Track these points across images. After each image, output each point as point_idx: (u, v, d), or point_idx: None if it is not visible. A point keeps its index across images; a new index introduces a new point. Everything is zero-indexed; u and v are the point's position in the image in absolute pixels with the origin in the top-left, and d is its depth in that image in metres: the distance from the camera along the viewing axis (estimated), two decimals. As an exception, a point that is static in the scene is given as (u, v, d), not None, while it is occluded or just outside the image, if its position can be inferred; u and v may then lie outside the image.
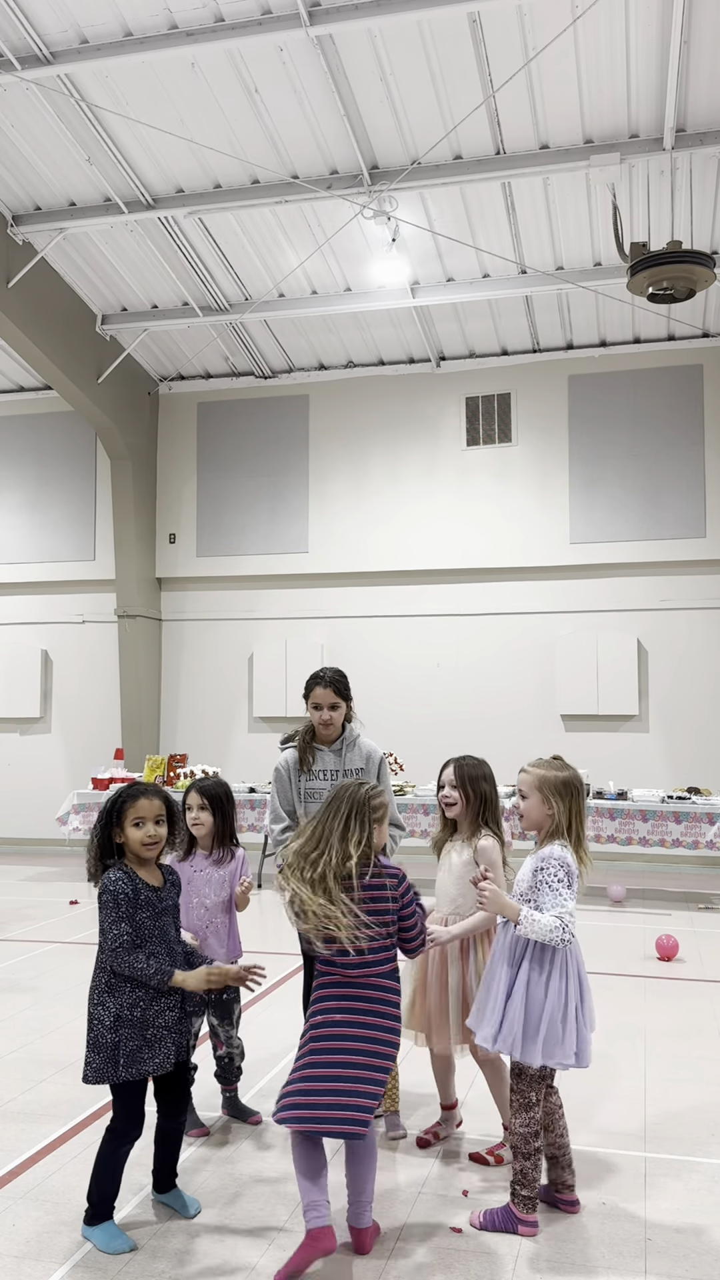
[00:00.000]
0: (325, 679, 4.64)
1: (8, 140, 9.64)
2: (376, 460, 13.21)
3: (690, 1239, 3.47)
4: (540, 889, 3.52)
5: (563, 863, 3.51)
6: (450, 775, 4.20)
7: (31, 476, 14.16)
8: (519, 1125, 3.53)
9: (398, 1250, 3.39)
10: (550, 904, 3.47)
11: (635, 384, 12.47)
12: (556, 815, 3.59)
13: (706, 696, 12.16)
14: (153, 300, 12.22)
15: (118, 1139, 3.47)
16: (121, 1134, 3.47)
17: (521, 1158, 3.52)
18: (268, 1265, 3.30)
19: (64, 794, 12.61)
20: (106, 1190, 3.46)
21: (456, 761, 4.23)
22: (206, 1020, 4.45)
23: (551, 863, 3.52)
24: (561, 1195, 3.67)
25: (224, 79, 8.69)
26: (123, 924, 3.46)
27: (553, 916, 3.44)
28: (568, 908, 3.45)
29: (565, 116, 8.92)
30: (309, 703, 4.65)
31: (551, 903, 3.47)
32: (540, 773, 3.64)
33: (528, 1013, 3.45)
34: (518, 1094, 3.54)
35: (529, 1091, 3.52)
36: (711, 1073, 5.10)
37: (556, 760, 3.73)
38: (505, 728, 12.47)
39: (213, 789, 4.49)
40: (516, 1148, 3.53)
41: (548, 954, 3.50)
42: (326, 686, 4.62)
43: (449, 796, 4.19)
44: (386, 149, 9.39)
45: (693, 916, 9.16)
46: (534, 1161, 3.52)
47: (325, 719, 4.62)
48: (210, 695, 13.69)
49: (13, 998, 6.44)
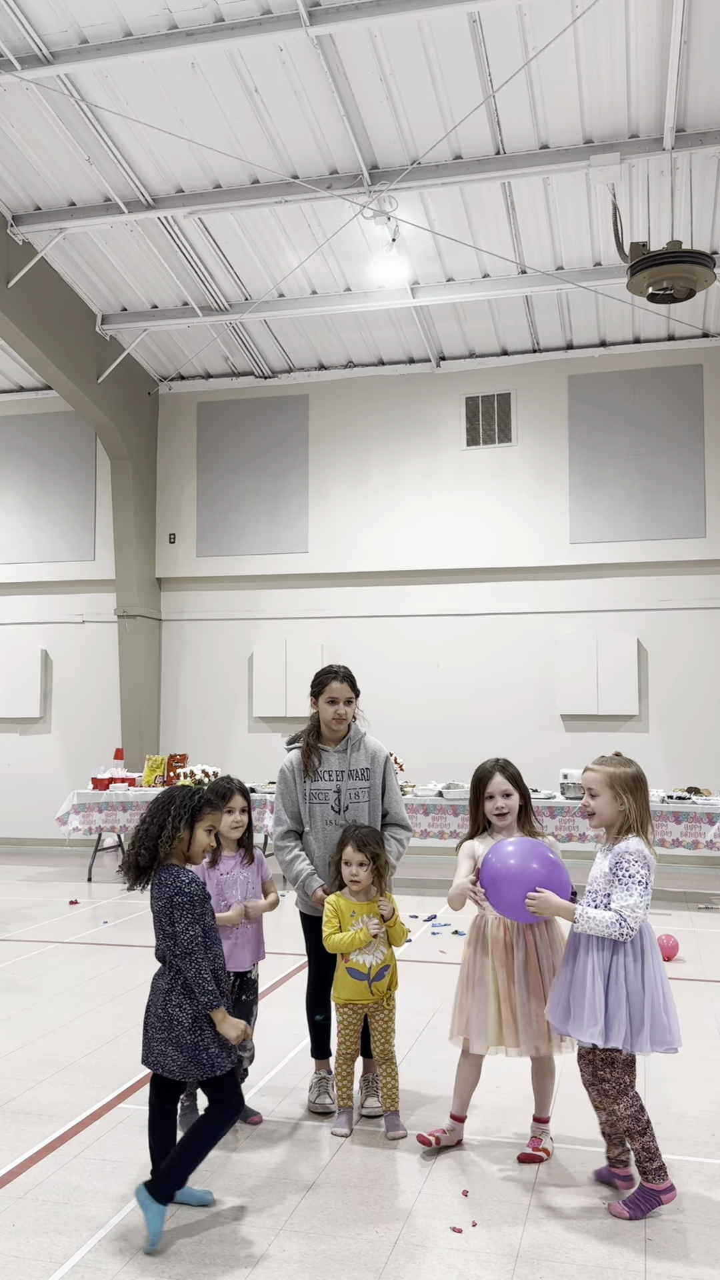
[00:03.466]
0: (340, 674, 4.60)
1: (8, 140, 9.64)
2: (376, 460, 13.21)
3: (691, 1239, 3.47)
4: (615, 883, 3.59)
5: (639, 856, 3.58)
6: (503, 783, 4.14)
7: (31, 476, 14.16)
8: (624, 1108, 3.63)
9: (398, 1250, 3.39)
10: (619, 897, 3.55)
11: (635, 384, 12.47)
12: (628, 811, 3.66)
13: (706, 696, 12.16)
14: (153, 300, 12.22)
15: (231, 1117, 3.56)
16: (233, 1111, 3.56)
17: (638, 1135, 3.62)
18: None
19: (64, 794, 12.62)
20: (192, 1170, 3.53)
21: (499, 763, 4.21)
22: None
23: (627, 856, 3.59)
24: (618, 1171, 3.82)
25: (224, 79, 8.69)
26: (197, 926, 3.51)
27: (611, 911, 3.53)
28: (630, 901, 3.52)
29: (565, 116, 8.92)
30: (323, 698, 4.58)
31: (620, 896, 3.55)
32: (610, 770, 3.71)
33: (630, 1004, 3.53)
34: (613, 1082, 3.64)
35: (623, 1076, 3.64)
36: (711, 1073, 5.10)
37: (620, 756, 3.81)
38: (505, 728, 12.47)
39: (246, 789, 4.52)
40: (630, 1130, 3.62)
41: (639, 945, 3.58)
42: (343, 681, 4.58)
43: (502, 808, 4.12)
44: (386, 149, 9.39)
45: (693, 916, 9.16)
46: (650, 1134, 3.63)
47: (340, 714, 4.56)
48: (210, 695, 13.69)
49: (13, 998, 6.44)
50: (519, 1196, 3.77)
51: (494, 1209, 3.67)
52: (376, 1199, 3.73)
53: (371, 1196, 3.75)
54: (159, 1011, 3.56)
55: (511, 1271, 3.27)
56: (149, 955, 7.54)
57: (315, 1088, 4.62)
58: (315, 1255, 3.36)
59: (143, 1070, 5.07)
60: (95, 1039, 5.60)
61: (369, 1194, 3.76)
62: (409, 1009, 5.59)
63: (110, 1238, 3.47)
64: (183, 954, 3.48)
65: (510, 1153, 4.12)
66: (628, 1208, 3.60)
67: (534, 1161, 4.04)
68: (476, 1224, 3.56)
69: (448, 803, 10.11)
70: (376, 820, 4.61)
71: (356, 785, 4.57)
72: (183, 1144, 3.54)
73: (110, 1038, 5.62)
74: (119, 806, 10.99)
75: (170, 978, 3.57)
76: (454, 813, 10.06)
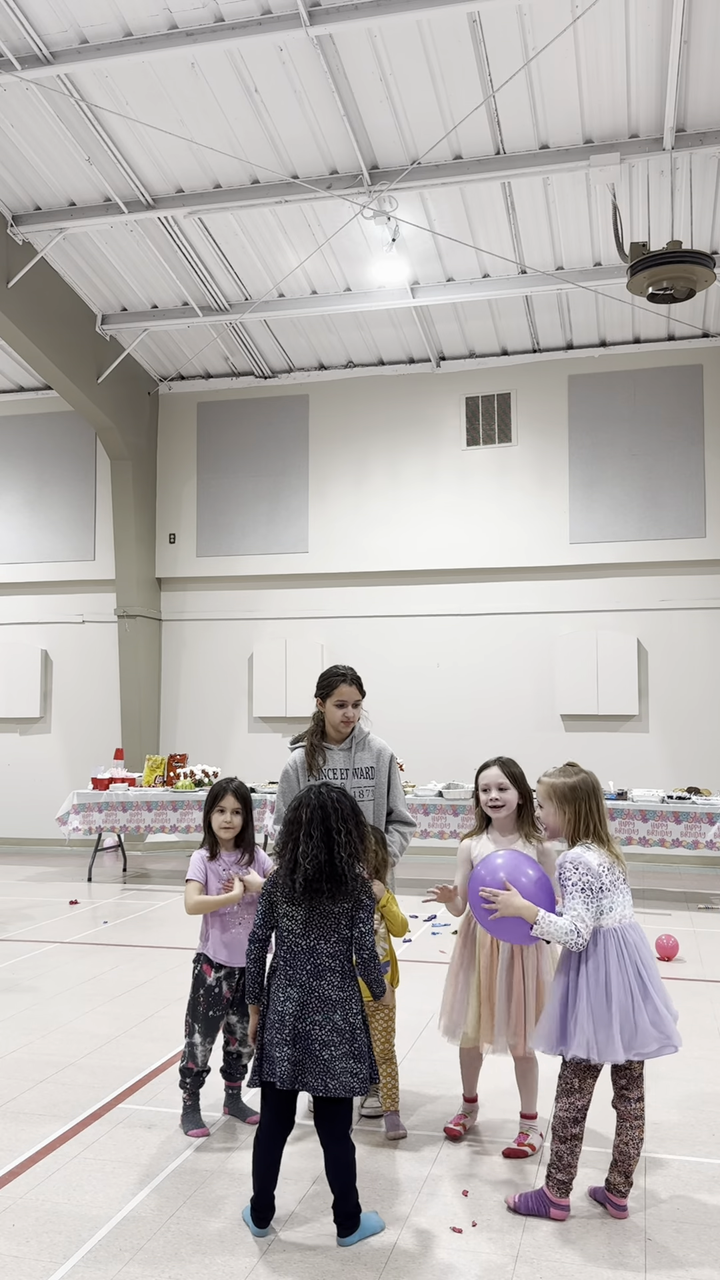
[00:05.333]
0: (349, 676, 4.57)
1: (8, 140, 9.64)
2: (376, 460, 13.21)
3: (690, 1239, 3.47)
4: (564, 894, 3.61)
5: (577, 865, 3.56)
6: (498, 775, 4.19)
7: (31, 476, 14.16)
8: (559, 1109, 3.57)
9: (398, 1250, 3.39)
10: (567, 907, 3.55)
11: (635, 384, 12.47)
12: (573, 820, 3.68)
13: (706, 696, 12.16)
14: (153, 300, 12.22)
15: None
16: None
17: (558, 1141, 3.56)
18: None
19: (64, 794, 12.62)
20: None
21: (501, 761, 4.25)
22: (226, 1018, 4.46)
23: (566, 866, 3.60)
24: (613, 1197, 3.65)
25: (224, 79, 8.69)
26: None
27: (568, 920, 3.52)
28: (577, 911, 3.51)
29: (565, 116, 8.92)
30: (330, 701, 4.55)
31: (568, 907, 3.54)
32: (550, 781, 3.74)
33: (594, 1014, 3.48)
34: (562, 1080, 3.58)
35: (573, 1079, 3.56)
36: (711, 1073, 5.10)
37: (566, 766, 3.81)
38: (505, 728, 12.47)
39: (243, 790, 4.49)
40: (555, 1130, 3.57)
41: (599, 952, 3.54)
42: (351, 684, 4.55)
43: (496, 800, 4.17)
44: (386, 149, 9.39)
45: (693, 916, 9.16)
46: (570, 1146, 3.55)
47: (348, 717, 4.55)
48: (210, 695, 13.68)
49: (13, 998, 6.44)
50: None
51: (494, 1209, 3.67)
52: (376, 1199, 3.73)
53: (371, 1196, 3.75)
54: (337, 1024, 3.40)
55: (511, 1272, 3.27)
56: (149, 955, 7.55)
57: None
58: (315, 1255, 3.36)
59: (142, 1070, 5.08)
60: (95, 1039, 5.60)
61: (369, 1194, 3.76)
62: (409, 1009, 5.59)
63: (110, 1238, 3.47)
64: (371, 956, 3.49)
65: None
66: (518, 1199, 3.62)
67: (519, 1156, 4.06)
68: (476, 1224, 3.56)
69: (448, 803, 10.11)
70: (382, 819, 4.61)
71: (361, 784, 4.57)
72: (343, 1180, 3.43)
73: (110, 1038, 5.62)
74: (119, 807, 10.99)
75: (344, 985, 3.46)
76: (454, 813, 10.06)
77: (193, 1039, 4.36)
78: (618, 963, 3.52)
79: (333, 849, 3.41)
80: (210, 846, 4.48)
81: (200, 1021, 4.36)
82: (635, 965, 3.55)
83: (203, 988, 4.38)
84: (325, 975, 3.45)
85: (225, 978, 4.38)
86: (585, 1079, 3.55)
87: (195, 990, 4.41)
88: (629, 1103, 3.62)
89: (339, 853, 3.42)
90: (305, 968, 3.45)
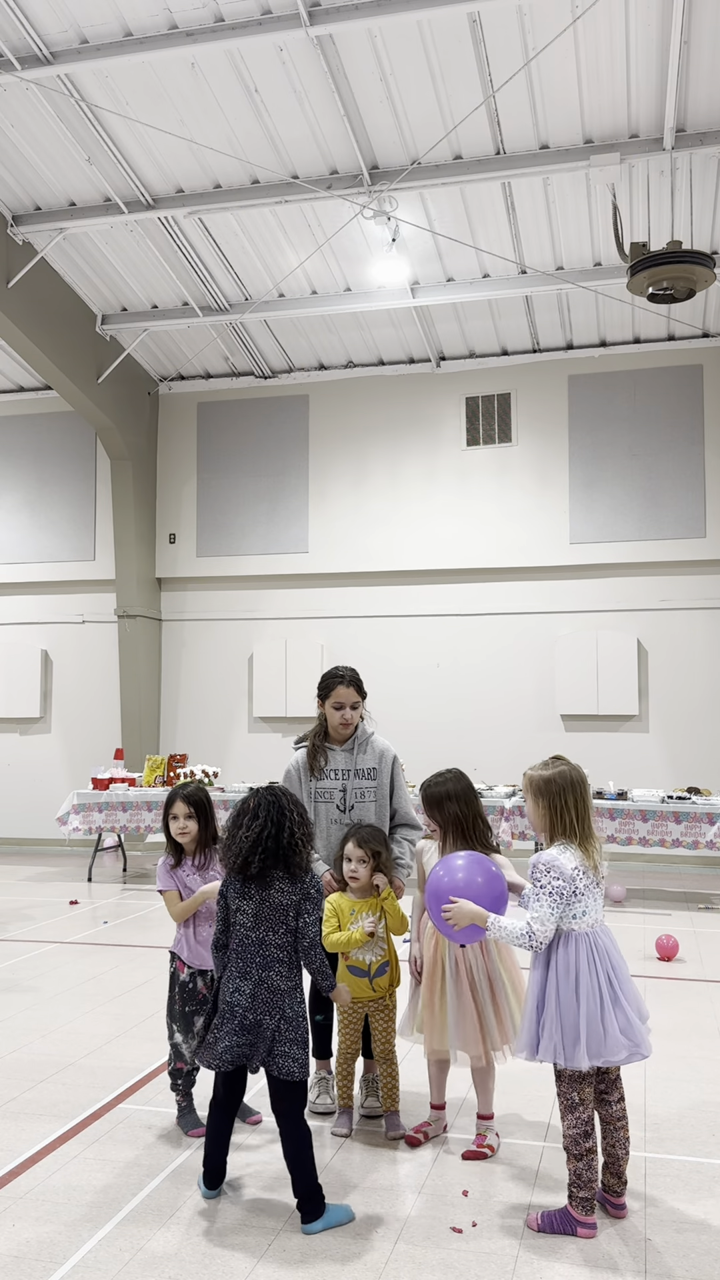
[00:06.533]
0: (347, 677, 4.56)
1: (8, 140, 9.64)
2: (376, 460, 13.21)
3: (690, 1239, 3.47)
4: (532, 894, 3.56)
5: (549, 867, 3.48)
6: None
7: (31, 476, 14.16)
8: (567, 1127, 3.50)
9: (397, 1250, 3.39)
10: (530, 909, 3.51)
11: (635, 384, 12.47)
12: (549, 816, 3.58)
13: (706, 696, 12.16)
14: (153, 300, 12.22)
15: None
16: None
17: (574, 1159, 3.49)
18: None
19: (64, 794, 12.61)
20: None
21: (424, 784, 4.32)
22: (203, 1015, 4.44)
23: (538, 867, 3.52)
24: (610, 1198, 3.63)
25: (224, 79, 8.69)
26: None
27: (523, 922, 3.49)
28: (540, 914, 3.47)
29: (565, 116, 8.91)
30: (328, 703, 4.56)
31: (533, 908, 3.50)
32: (530, 774, 3.64)
33: (562, 1018, 3.44)
34: (562, 1097, 3.51)
35: (571, 1093, 3.49)
36: (711, 1073, 5.09)
37: (550, 760, 3.69)
38: (505, 728, 12.47)
39: (196, 796, 4.43)
40: (568, 1149, 3.51)
41: (570, 957, 3.48)
42: (349, 685, 4.55)
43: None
44: (386, 149, 9.39)
45: (693, 916, 9.16)
46: (586, 1162, 3.48)
47: (346, 719, 4.55)
48: (210, 695, 13.68)
49: (13, 998, 6.44)
50: (519, 1197, 3.77)
51: (494, 1209, 3.67)
52: (377, 1199, 3.73)
53: (372, 1196, 3.75)
54: (285, 1013, 3.57)
55: (511, 1272, 3.27)
56: (149, 955, 7.55)
57: (316, 1088, 4.61)
58: (315, 1255, 3.36)
59: (142, 1070, 5.09)
60: (95, 1039, 5.60)
61: (369, 1194, 3.76)
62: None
63: (110, 1238, 3.47)
64: (311, 945, 3.60)
65: (510, 1154, 4.12)
66: (541, 1219, 3.52)
67: (478, 1158, 4.05)
68: (476, 1224, 3.56)
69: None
70: (385, 821, 4.61)
71: (363, 785, 4.57)
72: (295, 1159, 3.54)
73: (110, 1038, 5.62)
74: (119, 807, 10.99)
75: (290, 975, 3.61)
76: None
77: (174, 1039, 4.38)
78: (589, 967, 3.47)
79: (283, 825, 3.57)
80: (174, 853, 4.46)
81: (178, 1020, 4.38)
82: (607, 971, 3.49)
83: (177, 985, 4.40)
84: (274, 966, 3.60)
85: (199, 973, 4.39)
86: (582, 1089, 3.49)
87: (171, 989, 4.44)
88: (610, 1105, 3.59)
89: (290, 829, 3.57)
90: (256, 959, 3.59)
